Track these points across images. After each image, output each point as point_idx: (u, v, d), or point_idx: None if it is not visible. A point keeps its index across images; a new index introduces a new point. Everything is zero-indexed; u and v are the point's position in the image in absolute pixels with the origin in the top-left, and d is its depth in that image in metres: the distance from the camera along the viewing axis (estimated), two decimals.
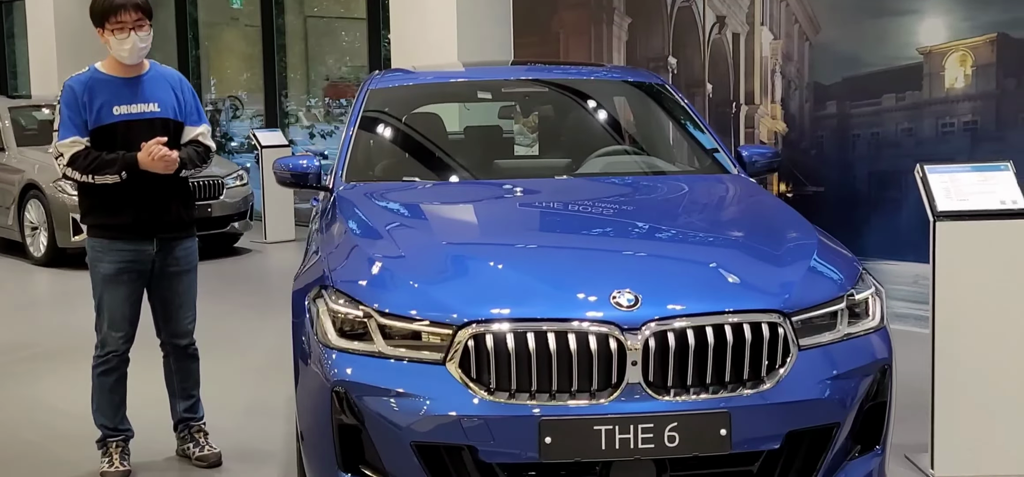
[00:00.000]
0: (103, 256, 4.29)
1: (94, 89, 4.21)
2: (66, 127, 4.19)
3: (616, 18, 8.65)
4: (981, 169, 4.32)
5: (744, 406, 3.18)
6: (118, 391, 4.44)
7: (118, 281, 4.29)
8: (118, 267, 4.28)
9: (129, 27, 4.14)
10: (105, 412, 4.45)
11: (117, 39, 4.15)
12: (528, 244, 3.97)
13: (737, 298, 3.31)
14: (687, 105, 5.22)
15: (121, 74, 4.26)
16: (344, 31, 14.55)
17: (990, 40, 6.48)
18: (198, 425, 4.64)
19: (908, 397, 4.51)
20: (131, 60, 4.21)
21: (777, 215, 4.20)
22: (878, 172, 7.09)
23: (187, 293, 4.48)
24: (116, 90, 4.23)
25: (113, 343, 4.34)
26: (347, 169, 4.64)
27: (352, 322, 3.33)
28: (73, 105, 4.19)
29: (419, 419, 3.17)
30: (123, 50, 4.17)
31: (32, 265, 10.03)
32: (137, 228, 4.27)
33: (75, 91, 4.21)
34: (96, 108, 4.19)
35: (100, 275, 4.31)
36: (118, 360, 4.38)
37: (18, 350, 6.83)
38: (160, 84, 4.32)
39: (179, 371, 4.59)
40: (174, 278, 4.42)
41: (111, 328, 4.33)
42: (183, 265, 4.43)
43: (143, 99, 4.25)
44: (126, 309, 4.33)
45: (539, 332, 3.15)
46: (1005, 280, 4.20)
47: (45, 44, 15.14)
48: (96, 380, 4.42)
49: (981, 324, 4.21)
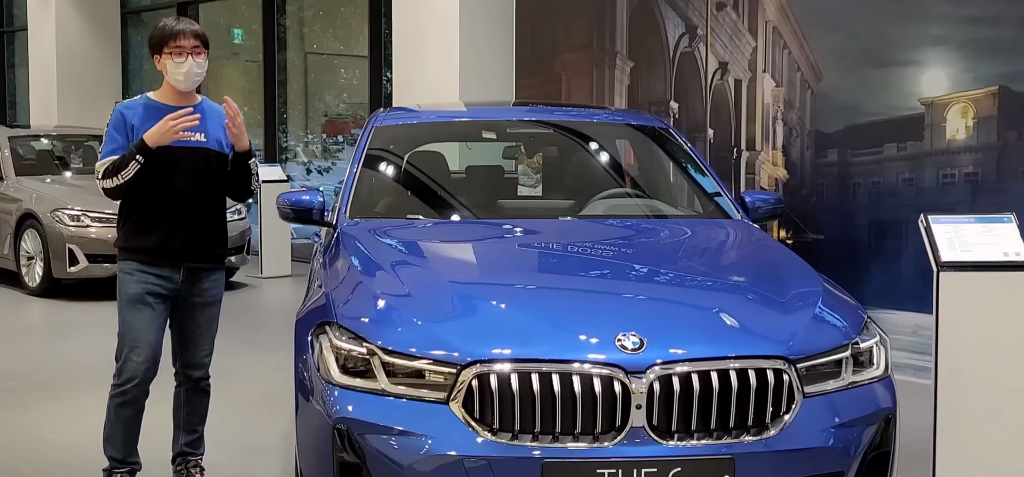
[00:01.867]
0: (130, 278, 4.21)
1: (143, 115, 4.19)
2: (108, 147, 4.17)
3: (618, 61, 8.69)
4: (985, 220, 4.33)
5: (748, 453, 3.16)
6: (133, 426, 4.32)
7: (144, 302, 4.20)
8: (145, 289, 4.20)
9: (187, 52, 4.15)
10: (116, 445, 4.34)
11: (174, 63, 4.15)
12: (533, 284, 3.97)
13: (742, 344, 3.31)
14: (691, 149, 5.23)
15: (172, 102, 4.22)
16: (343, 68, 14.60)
17: (991, 92, 6.51)
18: (196, 460, 4.56)
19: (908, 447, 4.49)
20: (186, 85, 4.20)
21: (782, 261, 4.20)
22: (878, 221, 7.10)
23: (208, 326, 4.41)
24: (164, 118, 4.14)
25: (133, 369, 4.18)
26: (351, 205, 4.64)
27: (355, 359, 3.31)
28: (120, 127, 4.18)
29: (420, 458, 3.15)
30: (179, 73, 4.16)
31: (27, 295, 9.98)
32: (166, 253, 4.21)
33: (124, 115, 4.20)
34: (141, 133, 4.14)
35: (126, 296, 4.22)
36: (137, 390, 4.23)
37: (9, 380, 6.77)
38: (209, 116, 4.27)
39: (188, 404, 4.50)
40: (197, 309, 4.35)
41: (133, 352, 4.19)
42: (208, 297, 4.36)
43: (191, 129, 4.17)
44: (149, 333, 4.21)
45: (543, 373, 3.14)
46: (1008, 331, 4.20)
47: (46, 74, 15.19)
48: (113, 411, 4.28)
49: (984, 375, 4.21)
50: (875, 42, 7.06)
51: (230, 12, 15.30)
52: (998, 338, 4.20)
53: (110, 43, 15.67)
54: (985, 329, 4.20)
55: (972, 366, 4.20)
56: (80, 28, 15.17)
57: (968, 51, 6.66)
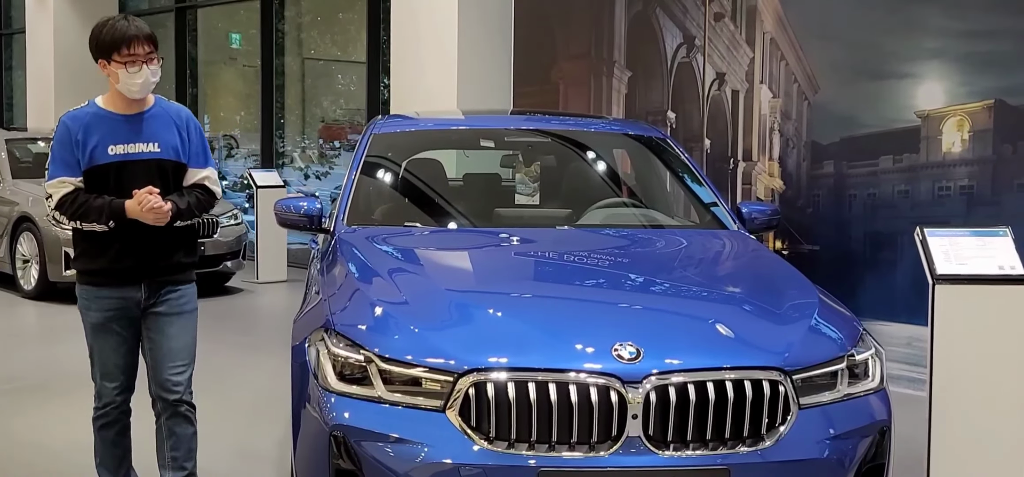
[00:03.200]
0: (90, 304, 3.98)
1: (90, 126, 3.86)
2: (56, 166, 3.87)
3: (616, 71, 8.71)
4: (981, 234, 4.36)
5: (743, 463, 3.17)
6: (120, 444, 4.15)
7: (106, 330, 3.97)
8: (105, 316, 3.96)
9: (141, 60, 3.82)
10: (108, 466, 4.18)
11: (128, 73, 3.81)
12: (530, 293, 3.97)
13: (738, 355, 3.32)
14: (688, 159, 5.25)
15: (122, 110, 3.91)
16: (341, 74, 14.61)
17: (987, 106, 6.54)
18: None
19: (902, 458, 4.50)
20: (141, 94, 3.88)
21: (779, 273, 4.21)
22: (873, 233, 7.12)
23: (178, 338, 4.01)
24: (114, 127, 3.88)
25: (108, 395, 4.05)
26: (349, 212, 4.64)
27: (352, 366, 3.32)
28: (66, 143, 3.86)
29: (416, 466, 3.15)
30: (134, 84, 3.83)
31: (22, 298, 9.97)
32: (119, 274, 3.93)
33: (70, 128, 3.86)
34: (90, 147, 3.85)
35: (89, 323, 4.00)
36: (117, 412, 4.08)
37: (4, 383, 6.76)
38: (163, 122, 3.95)
39: (170, 437, 4.06)
40: (163, 320, 3.99)
41: (105, 379, 4.04)
42: (175, 307, 4.01)
43: (143, 138, 3.90)
44: (118, 358, 4.01)
45: (539, 382, 3.15)
46: (1003, 345, 4.22)
47: (43, 76, 15.18)
48: (97, 434, 4.14)
49: (978, 388, 4.23)
50: (872, 54, 7.09)
51: (228, 17, 15.31)
52: (993, 351, 4.22)
53: None
54: (980, 342, 4.22)
55: (966, 379, 4.22)
56: (78, 31, 15.15)
57: (965, 65, 6.69)
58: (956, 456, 4.24)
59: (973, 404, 4.23)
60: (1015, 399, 4.23)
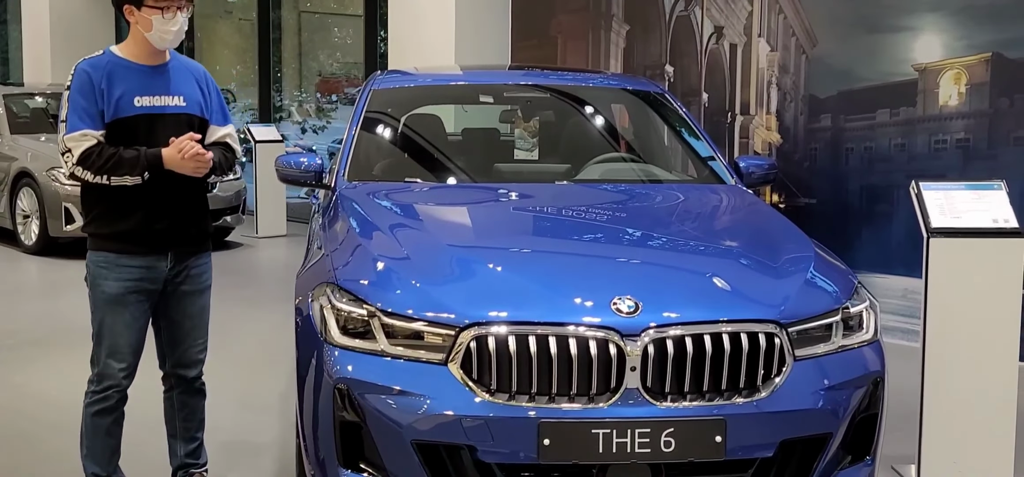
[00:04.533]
0: (107, 273, 3.66)
1: (113, 75, 3.58)
2: (77, 118, 3.55)
3: (614, 24, 8.71)
4: (975, 187, 4.39)
5: (739, 414, 3.23)
6: (114, 434, 3.83)
7: (123, 303, 3.67)
8: (125, 287, 3.67)
9: (176, 6, 3.55)
10: (98, 458, 3.83)
11: (164, 19, 3.54)
12: (530, 248, 4.02)
13: (735, 308, 3.37)
14: (686, 114, 5.28)
15: (144, 61, 3.65)
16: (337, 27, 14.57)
17: (985, 59, 6.56)
18: (200, 472, 4.08)
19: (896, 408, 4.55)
20: (174, 43, 3.64)
21: (775, 227, 4.25)
22: (870, 186, 7.16)
23: (200, 316, 3.88)
24: (139, 79, 3.62)
25: (112, 376, 3.72)
26: (350, 168, 4.68)
27: (355, 320, 3.37)
28: (87, 92, 3.55)
29: (419, 418, 3.21)
30: (169, 32, 3.57)
31: (23, 253, 10.02)
32: (150, 239, 3.67)
33: (91, 76, 3.56)
34: (115, 97, 3.57)
35: (102, 296, 3.67)
36: (118, 397, 3.76)
37: (7, 337, 6.83)
38: (185, 76, 3.74)
39: (183, 409, 3.98)
40: (186, 298, 3.82)
41: (111, 357, 3.70)
42: (198, 284, 3.85)
43: (168, 91, 3.65)
44: (130, 336, 3.70)
45: (540, 335, 3.20)
46: (995, 297, 4.27)
47: (39, 31, 15.11)
48: (90, 421, 3.78)
49: (971, 339, 4.28)
50: (870, 8, 7.10)
51: None
52: (986, 303, 4.27)
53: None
54: (973, 294, 4.26)
55: (960, 330, 4.27)
56: None
57: (962, 18, 6.70)
58: (948, 406, 4.31)
59: (966, 355, 4.28)
60: (1007, 350, 4.29)
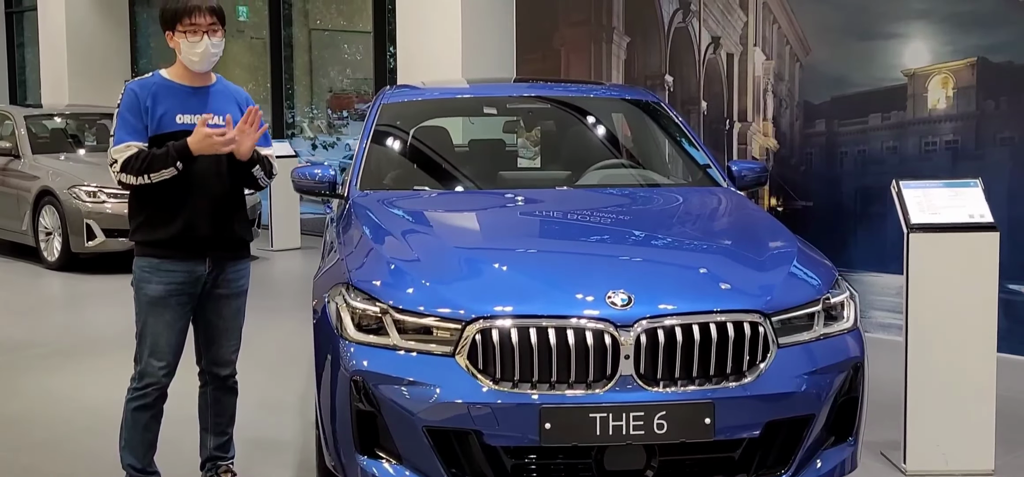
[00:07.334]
0: (150, 277, 3.95)
1: (158, 95, 3.90)
2: (123, 132, 3.87)
3: (615, 37, 8.96)
4: (952, 185, 4.63)
5: (727, 397, 3.47)
6: (152, 429, 4.08)
7: (165, 305, 3.95)
8: (166, 289, 3.95)
9: (203, 30, 3.86)
10: (135, 451, 4.07)
11: (189, 42, 3.87)
12: (531, 248, 4.28)
13: (722, 299, 3.61)
14: (681, 122, 5.53)
15: (188, 82, 3.96)
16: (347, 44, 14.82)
17: (970, 64, 6.80)
18: (226, 465, 4.32)
19: (887, 398, 4.79)
20: (202, 67, 3.93)
21: (761, 225, 4.51)
22: (864, 188, 7.39)
23: (234, 319, 4.17)
24: (182, 98, 3.93)
25: (153, 374, 3.97)
26: (362, 178, 4.95)
27: (369, 318, 3.63)
28: (134, 109, 3.87)
29: (430, 406, 3.46)
30: (194, 54, 3.88)
31: (46, 269, 10.29)
32: (190, 244, 3.95)
33: (137, 94, 3.89)
34: (158, 115, 3.88)
35: (145, 298, 3.96)
36: (157, 394, 4.01)
37: (34, 348, 7.08)
38: (226, 98, 4.04)
39: (215, 404, 4.25)
40: (222, 301, 4.10)
41: (153, 356, 3.96)
42: (234, 288, 4.12)
43: (208, 110, 3.94)
44: (171, 336, 3.97)
45: (540, 328, 3.45)
46: (972, 288, 4.49)
47: (56, 53, 15.38)
48: (130, 415, 4.03)
49: (950, 329, 4.49)
50: (861, 15, 7.34)
51: None
52: (964, 294, 4.48)
53: (119, 21, 15.87)
54: (951, 286, 4.48)
55: (940, 321, 4.48)
56: (89, 6, 15.40)
57: (949, 24, 6.94)
58: (930, 392, 4.52)
59: (945, 344, 4.49)
60: (984, 339, 4.50)
